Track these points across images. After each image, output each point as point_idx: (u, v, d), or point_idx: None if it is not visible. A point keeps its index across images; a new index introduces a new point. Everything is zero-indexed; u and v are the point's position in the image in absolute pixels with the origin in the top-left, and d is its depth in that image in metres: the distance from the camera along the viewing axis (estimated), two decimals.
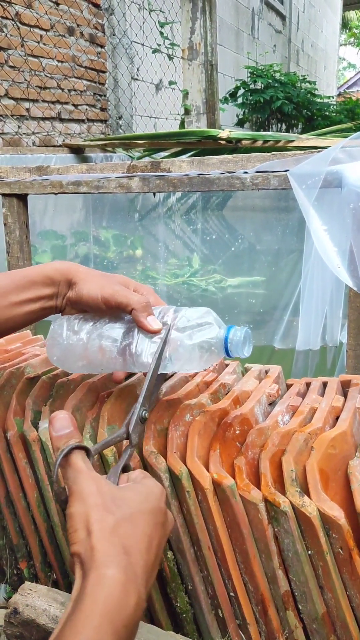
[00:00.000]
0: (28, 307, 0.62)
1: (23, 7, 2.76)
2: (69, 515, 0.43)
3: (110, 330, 0.61)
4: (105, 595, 0.38)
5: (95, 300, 0.60)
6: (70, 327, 0.63)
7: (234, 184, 0.94)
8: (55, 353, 0.64)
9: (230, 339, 0.57)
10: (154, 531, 0.44)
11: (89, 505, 0.42)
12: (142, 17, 3.80)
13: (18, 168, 1.29)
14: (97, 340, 0.61)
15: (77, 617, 0.38)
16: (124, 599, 0.39)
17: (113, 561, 0.40)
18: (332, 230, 0.82)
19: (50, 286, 0.63)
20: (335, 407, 0.68)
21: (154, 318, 0.59)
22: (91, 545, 0.40)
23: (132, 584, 0.40)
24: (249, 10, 5.90)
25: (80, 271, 0.63)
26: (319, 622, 0.59)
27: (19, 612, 0.66)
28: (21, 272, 0.64)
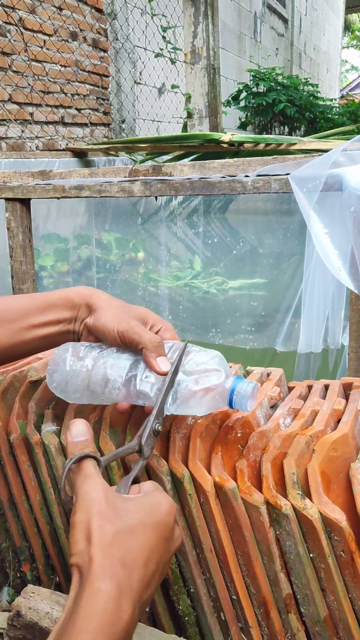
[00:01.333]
0: (46, 330, 0.61)
1: (26, 13, 2.78)
2: (72, 524, 0.43)
3: (117, 359, 0.59)
4: (99, 609, 0.38)
5: (112, 333, 0.59)
6: (76, 352, 0.60)
7: (235, 188, 0.94)
8: (55, 379, 0.61)
9: (237, 392, 0.57)
10: (155, 545, 0.44)
11: (91, 514, 0.42)
12: (144, 22, 3.82)
13: (21, 172, 1.29)
14: (102, 369, 0.59)
15: (71, 630, 0.38)
16: (117, 613, 0.39)
17: (108, 574, 0.40)
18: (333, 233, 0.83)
19: (70, 310, 0.61)
20: (337, 409, 0.68)
21: (163, 359, 0.57)
22: (90, 556, 0.40)
23: (127, 598, 0.40)
24: (251, 14, 5.92)
25: (101, 299, 0.61)
26: (321, 625, 0.59)
27: (22, 615, 0.66)
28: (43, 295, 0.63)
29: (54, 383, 0.62)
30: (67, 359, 0.60)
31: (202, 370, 0.57)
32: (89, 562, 0.40)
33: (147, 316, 0.62)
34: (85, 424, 0.50)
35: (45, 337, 0.62)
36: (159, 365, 0.57)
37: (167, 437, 0.65)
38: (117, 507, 0.44)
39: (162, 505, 0.47)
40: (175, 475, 0.61)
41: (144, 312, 0.62)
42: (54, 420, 0.72)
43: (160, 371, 0.56)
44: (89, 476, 0.45)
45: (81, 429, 0.49)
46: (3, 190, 1.25)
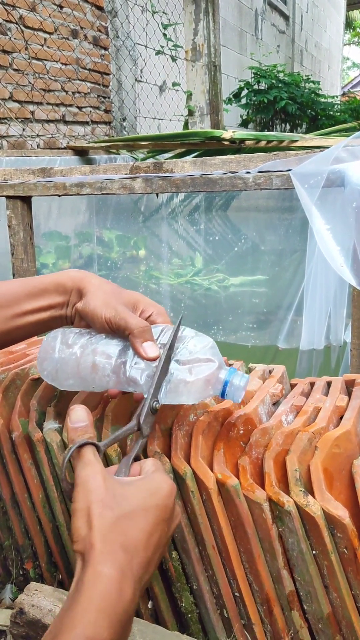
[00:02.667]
0: (39, 315, 0.61)
1: (27, 11, 2.77)
2: (73, 511, 0.44)
3: (105, 346, 0.58)
4: (101, 592, 0.39)
5: (100, 319, 0.58)
6: (65, 340, 0.60)
7: (237, 184, 0.94)
8: (45, 367, 0.61)
9: (231, 383, 0.56)
10: (154, 528, 0.45)
11: (91, 501, 0.43)
12: (145, 19, 3.81)
13: (22, 170, 1.29)
14: (90, 356, 0.58)
15: (74, 612, 0.39)
16: (118, 595, 0.40)
17: (109, 559, 0.41)
18: (335, 229, 0.82)
19: (62, 294, 0.61)
20: (339, 406, 0.68)
21: (150, 344, 0.56)
22: (90, 542, 0.41)
23: (128, 581, 0.41)
24: (252, 11, 5.90)
25: (92, 282, 0.60)
26: (324, 622, 0.59)
27: (25, 612, 0.66)
28: (35, 280, 0.62)
29: (45, 371, 0.61)
30: (56, 347, 0.60)
31: (196, 359, 0.56)
32: (90, 548, 0.41)
33: (137, 300, 0.61)
34: (84, 410, 0.50)
35: (37, 322, 0.61)
36: (145, 351, 0.56)
37: (169, 434, 0.65)
38: (116, 493, 0.45)
39: (162, 488, 0.47)
40: (178, 473, 0.61)
41: (135, 295, 0.61)
42: (56, 418, 0.72)
43: (147, 357, 0.55)
44: (87, 463, 0.46)
45: (81, 415, 0.49)
46: (4, 188, 1.25)
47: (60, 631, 0.38)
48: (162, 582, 0.68)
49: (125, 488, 0.46)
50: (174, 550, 0.65)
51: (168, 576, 0.67)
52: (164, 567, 0.67)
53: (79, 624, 0.38)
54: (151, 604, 0.70)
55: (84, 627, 0.38)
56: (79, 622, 0.38)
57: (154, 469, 0.50)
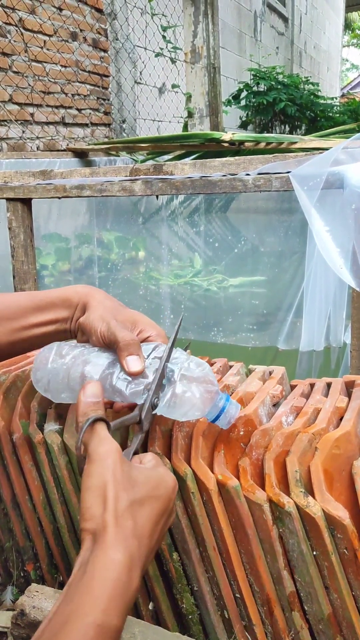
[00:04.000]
0: (44, 328, 0.62)
1: (26, 13, 2.78)
2: (86, 487, 0.43)
3: (96, 358, 0.58)
4: (113, 579, 0.39)
5: (95, 333, 0.58)
6: (59, 351, 0.60)
7: (236, 186, 0.94)
8: (39, 378, 0.61)
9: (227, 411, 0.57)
10: (159, 517, 0.45)
11: (107, 479, 0.43)
12: (144, 22, 3.82)
13: (22, 172, 1.29)
14: (80, 366, 0.58)
15: (86, 597, 0.39)
16: (128, 583, 0.40)
17: (122, 545, 0.41)
18: (334, 231, 0.83)
19: (68, 309, 0.61)
20: (339, 407, 0.68)
21: (135, 359, 0.55)
22: (104, 523, 0.41)
23: (136, 569, 0.41)
24: (251, 13, 5.91)
25: (95, 298, 0.61)
26: (325, 623, 0.59)
27: (26, 614, 0.66)
28: (42, 293, 0.63)
29: (38, 382, 0.62)
30: (49, 358, 0.60)
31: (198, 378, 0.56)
32: (104, 530, 0.41)
33: (137, 320, 0.61)
34: (100, 386, 0.50)
35: (42, 335, 0.62)
36: (128, 365, 0.55)
37: (169, 435, 0.65)
38: (130, 476, 0.45)
39: (167, 481, 0.48)
40: (178, 474, 0.61)
41: (135, 315, 0.61)
42: (56, 420, 0.72)
43: (129, 370, 0.55)
44: (104, 439, 0.45)
45: (96, 390, 0.50)
46: (4, 190, 1.25)
47: (70, 618, 0.38)
48: (162, 583, 0.68)
49: (136, 473, 0.46)
50: (174, 551, 0.65)
51: (169, 577, 0.67)
52: (164, 568, 0.67)
53: (91, 611, 0.38)
54: (152, 605, 0.70)
55: (96, 615, 0.38)
56: (91, 610, 0.38)
57: (155, 462, 0.50)
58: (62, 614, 0.39)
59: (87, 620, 0.38)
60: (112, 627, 0.38)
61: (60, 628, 0.37)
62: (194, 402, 0.56)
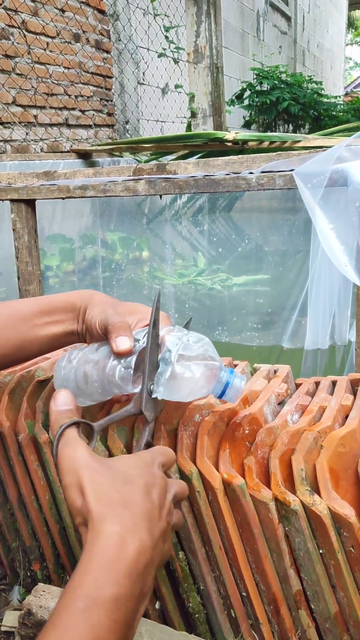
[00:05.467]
0: (50, 330, 0.63)
1: (29, 15, 2.79)
2: (64, 487, 0.43)
3: (93, 354, 0.59)
4: (101, 549, 0.38)
5: (95, 327, 0.59)
6: (69, 357, 0.61)
7: (240, 185, 0.94)
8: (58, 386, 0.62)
9: (232, 385, 0.56)
10: (150, 487, 0.44)
11: (77, 469, 0.42)
12: (147, 22, 3.82)
13: (25, 174, 1.30)
14: (83, 366, 0.59)
15: (75, 577, 0.38)
16: (121, 548, 0.39)
17: (107, 516, 0.40)
18: (338, 228, 0.82)
19: (72, 312, 0.63)
20: (345, 405, 0.68)
21: (123, 339, 0.55)
22: (87, 509, 0.41)
23: (130, 533, 0.40)
24: (253, 12, 5.90)
25: (96, 298, 0.63)
26: (331, 622, 0.59)
27: (33, 614, 0.67)
28: (48, 298, 0.65)
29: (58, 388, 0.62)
30: (62, 366, 0.61)
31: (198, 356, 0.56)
32: (89, 513, 0.40)
33: (136, 309, 0.62)
34: (70, 395, 0.50)
35: (49, 337, 0.63)
36: (117, 344, 0.55)
37: (175, 434, 0.65)
38: (103, 462, 0.44)
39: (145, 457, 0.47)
40: (184, 473, 0.61)
41: (135, 305, 0.62)
42: None
43: (117, 350, 0.55)
44: (71, 440, 0.45)
45: (66, 399, 0.49)
46: (8, 192, 1.26)
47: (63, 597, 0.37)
48: (169, 582, 0.68)
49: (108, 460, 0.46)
50: (180, 550, 0.65)
51: (175, 577, 0.67)
52: (170, 567, 0.67)
53: (80, 587, 0.37)
54: (158, 604, 0.70)
55: (84, 588, 0.37)
56: (79, 584, 0.37)
57: None
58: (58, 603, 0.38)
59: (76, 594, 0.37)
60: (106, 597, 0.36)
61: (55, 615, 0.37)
62: (196, 381, 0.55)
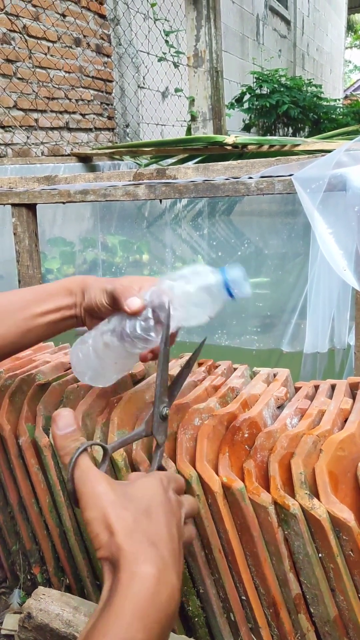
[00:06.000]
0: (49, 317, 0.64)
1: (30, 20, 2.80)
2: (87, 521, 0.42)
3: (106, 325, 0.62)
4: (136, 593, 0.38)
5: (101, 304, 0.62)
6: (82, 341, 0.64)
7: (239, 190, 0.95)
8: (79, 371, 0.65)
9: (231, 279, 0.56)
10: (170, 520, 0.45)
11: (104, 506, 0.42)
12: (147, 27, 3.84)
13: (27, 178, 1.30)
14: (99, 339, 0.61)
15: (107, 616, 0.37)
16: (155, 593, 0.39)
17: (142, 556, 0.40)
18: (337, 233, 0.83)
19: (69, 296, 0.65)
20: (344, 409, 0.68)
21: (133, 299, 0.58)
22: (117, 545, 0.40)
23: (165, 576, 0.40)
24: (253, 16, 5.92)
25: (90, 278, 0.65)
26: (331, 625, 0.59)
27: (33, 617, 0.67)
28: (42, 286, 0.67)
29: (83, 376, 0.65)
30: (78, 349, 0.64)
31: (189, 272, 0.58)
32: (118, 550, 0.40)
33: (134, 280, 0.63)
34: (70, 413, 0.49)
35: (48, 324, 0.65)
36: (128, 305, 0.58)
37: (174, 438, 0.65)
38: (125, 493, 0.44)
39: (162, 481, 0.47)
40: (183, 476, 0.61)
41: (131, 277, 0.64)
42: None
43: (129, 310, 0.57)
44: (85, 470, 0.45)
45: (67, 420, 0.48)
46: (9, 196, 1.26)
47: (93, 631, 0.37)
48: None
49: (132, 488, 0.46)
50: None
51: None
52: None
53: (112, 628, 0.37)
54: None
55: (116, 632, 0.37)
56: (112, 627, 0.37)
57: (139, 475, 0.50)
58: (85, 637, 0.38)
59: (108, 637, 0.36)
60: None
61: None
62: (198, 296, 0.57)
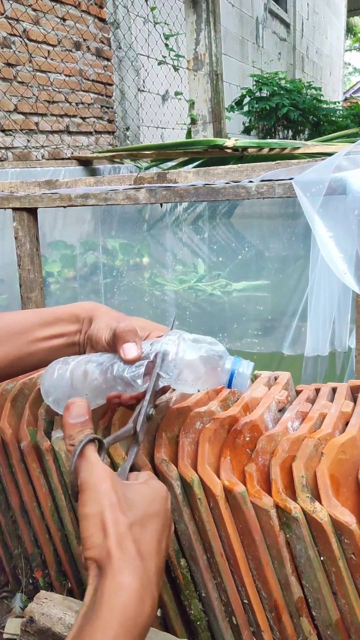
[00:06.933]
0: (52, 342, 0.62)
1: (31, 24, 2.81)
2: (83, 516, 0.42)
3: (99, 357, 0.60)
4: (123, 605, 0.38)
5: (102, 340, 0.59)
6: (65, 361, 0.61)
7: (240, 193, 0.95)
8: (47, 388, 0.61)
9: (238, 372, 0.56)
10: (162, 533, 0.45)
11: (104, 505, 0.42)
12: (147, 30, 3.85)
13: (28, 182, 1.31)
14: (83, 365, 0.59)
15: (95, 626, 0.38)
16: (140, 607, 0.39)
17: (129, 567, 0.40)
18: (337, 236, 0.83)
19: (75, 323, 0.62)
20: (345, 412, 0.68)
21: (131, 345, 0.56)
22: (107, 549, 0.40)
23: (148, 591, 0.40)
24: (253, 19, 5.94)
25: (101, 310, 0.62)
26: (333, 629, 0.59)
27: (35, 621, 0.67)
28: (50, 310, 0.64)
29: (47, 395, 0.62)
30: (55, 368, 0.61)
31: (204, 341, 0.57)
32: (108, 556, 0.40)
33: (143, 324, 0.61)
34: (85, 404, 0.49)
35: (50, 349, 0.62)
36: (124, 352, 0.55)
37: (176, 442, 0.65)
38: (127, 497, 0.44)
39: (161, 493, 0.47)
40: (185, 480, 0.61)
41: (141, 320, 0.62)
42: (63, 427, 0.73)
43: (125, 358, 0.55)
44: (94, 464, 0.45)
45: (81, 410, 0.48)
46: (10, 200, 1.27)
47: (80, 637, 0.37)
48: (170, 589, 0.68)
49: (130, 492, 0.46)
50: (182, 557, 0.65)
51: (176, 584, 0.67)
52: (172, 574, 0.67)
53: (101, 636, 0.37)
54: (160, 611, 0.70)
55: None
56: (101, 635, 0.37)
57: (147, 477, 0.50)
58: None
59: None
60: None
61: None
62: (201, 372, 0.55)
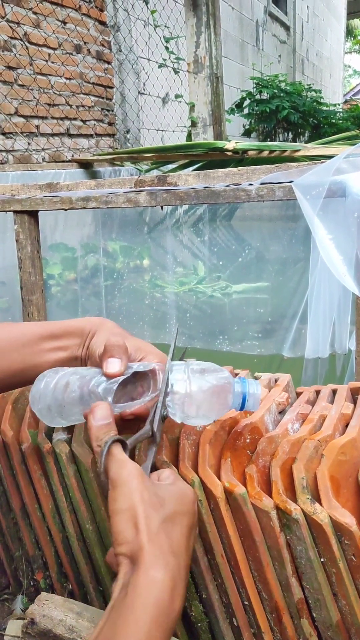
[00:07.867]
0: (56, 355, 0.62)
1: (31, 27, 2.82)
2: (114, 512, 0.43)
3: (86, 370, 0.58)
4: (156, 599, 0.39)
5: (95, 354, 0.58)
6: (54, 371, 0.60)
7: (240, 196, 0.95)
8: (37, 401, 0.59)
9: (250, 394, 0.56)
10: (190, 532, 0.45)
11: (135, 501, 0.42)
12: (147, 33, 3.86)
13: (29, 185, 1.31)
14: (67, 377, 0.57)
15: (128, 620, 0.38)
16: (171, 603, 0.39)
17: (162, 563, 0.40)
18: (337, 239, 0.83)
19: (80, 337, 0.62)
20: (345, 414, 0.68)
21: (114, 360, 0.54)
22: (140, 544, 0.41)
23: (179, 588, 0.41)
24: (252, 22, 5.96)
25: (105, 326, 0.61)
26: (333, 630, 0.59)
27: (36, 623, 0.67)
28: (57, 323, 0.64)
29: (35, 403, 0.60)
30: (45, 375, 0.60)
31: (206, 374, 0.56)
32: (140, 551, 0.40)
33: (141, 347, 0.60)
34: (108, 407, 0.50)
35: (55, 362, 0.62)
36: (107, 366, 0.54)
37: (176, 443, 0.65)
38: (157, 494, 0.45)
39: (188, 495, 0.48)
40: (186, 481, 0.62)
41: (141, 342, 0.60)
42: (64, 429, 0.73)
43: (106, 371, 0.54)
44: (123, 462, 0.45)
45: (105, 412, 0.49)
46: (12, 203, 1.27)
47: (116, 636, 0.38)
48: None
49: (163, 490, 0.46)
50: None
51: None
52: None
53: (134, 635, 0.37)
54: None
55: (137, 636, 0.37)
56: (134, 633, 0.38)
57: (174, 477, 0.50)
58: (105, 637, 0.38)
59: None
60: None
61: None
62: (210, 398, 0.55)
